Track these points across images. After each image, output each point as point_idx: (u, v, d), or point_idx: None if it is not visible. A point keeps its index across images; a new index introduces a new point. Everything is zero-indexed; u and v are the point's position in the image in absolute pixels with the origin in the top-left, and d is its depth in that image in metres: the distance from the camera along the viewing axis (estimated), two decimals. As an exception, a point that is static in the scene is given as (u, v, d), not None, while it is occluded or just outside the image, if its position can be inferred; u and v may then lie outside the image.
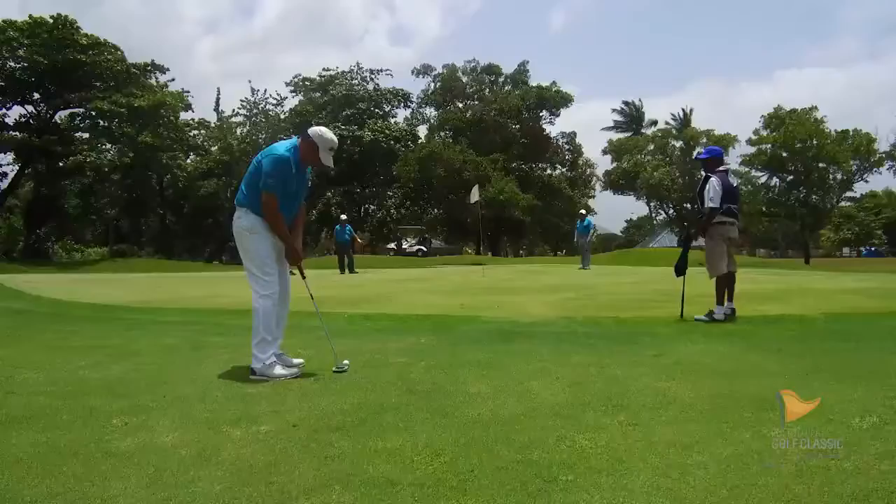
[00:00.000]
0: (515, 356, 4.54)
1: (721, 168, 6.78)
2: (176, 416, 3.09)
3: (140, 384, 3.80)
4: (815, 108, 43.19)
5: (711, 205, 6.45)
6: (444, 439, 2.67)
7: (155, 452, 2.56)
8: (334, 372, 3.99)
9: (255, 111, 46.57)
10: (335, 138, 4.11)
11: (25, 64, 32.68)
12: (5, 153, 35.93)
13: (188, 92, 41.66)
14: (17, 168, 36.59)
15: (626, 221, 74.95)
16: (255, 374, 3.92)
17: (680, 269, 6.77)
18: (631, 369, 4.04)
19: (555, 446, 2.57)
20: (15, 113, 35.69)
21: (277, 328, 4.08)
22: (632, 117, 58.72)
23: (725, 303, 6.63)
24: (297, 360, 4.22)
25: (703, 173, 6.93)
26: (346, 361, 4.11)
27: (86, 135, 36.86)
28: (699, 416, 2.97)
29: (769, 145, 43.64)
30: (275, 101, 47.73)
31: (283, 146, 3.99)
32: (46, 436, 2.78)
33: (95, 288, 13.09)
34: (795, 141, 42.33)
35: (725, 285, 6.67)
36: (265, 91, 49.17)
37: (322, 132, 4.06)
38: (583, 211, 24.01)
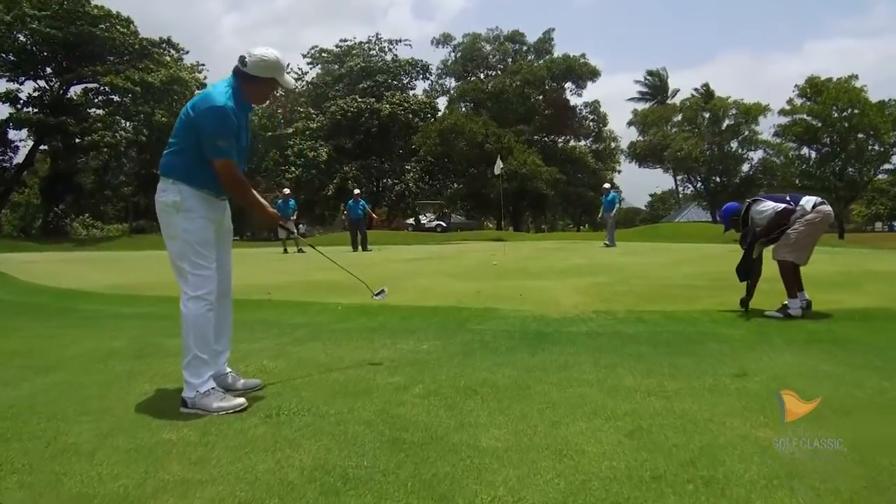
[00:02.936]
0: (545, 375, 3.39)
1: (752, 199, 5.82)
2: (34, 489, 2.03)
3: (29, 421, 2.76)
4: (856, 76, 40.79)
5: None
6: (431, 568, 1.56)
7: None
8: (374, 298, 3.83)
9: (275, 86, 45.45)
10: (275, 52, 3.00)
11: (37, 37, 31.90)
12: (19, 129, 35.46)
13: (203, 65, 40.77)
14: (32, 144, 36.08)
15: (651, 195, 72.77)
16: (185, 407, 2.83)
17: (743, 274, 5.63)
18: (709, 402, 2.85)
19: None
20: (28, 88, 35.17)
21: (219, 340, 3.01)
22: (656, 87, 56.48)
23: (798, 294, 5.45)
24: (249, 383, 3.16)
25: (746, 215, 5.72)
26: (383, 290, 3.87)
27: (101, 111, 36.14)
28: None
29: (804, 115, 41.35)
30: (296, 76, 46.53)
31: (218, 92, 2.86)
32: None
33: (84, 269, 12.25)
34: (833, 110, 39.99)
35: (794, 273, 5.49)
36: (288, 66, 47.85)
37: (264, 57, 2.93)
38: (607, 185, 22.44)
